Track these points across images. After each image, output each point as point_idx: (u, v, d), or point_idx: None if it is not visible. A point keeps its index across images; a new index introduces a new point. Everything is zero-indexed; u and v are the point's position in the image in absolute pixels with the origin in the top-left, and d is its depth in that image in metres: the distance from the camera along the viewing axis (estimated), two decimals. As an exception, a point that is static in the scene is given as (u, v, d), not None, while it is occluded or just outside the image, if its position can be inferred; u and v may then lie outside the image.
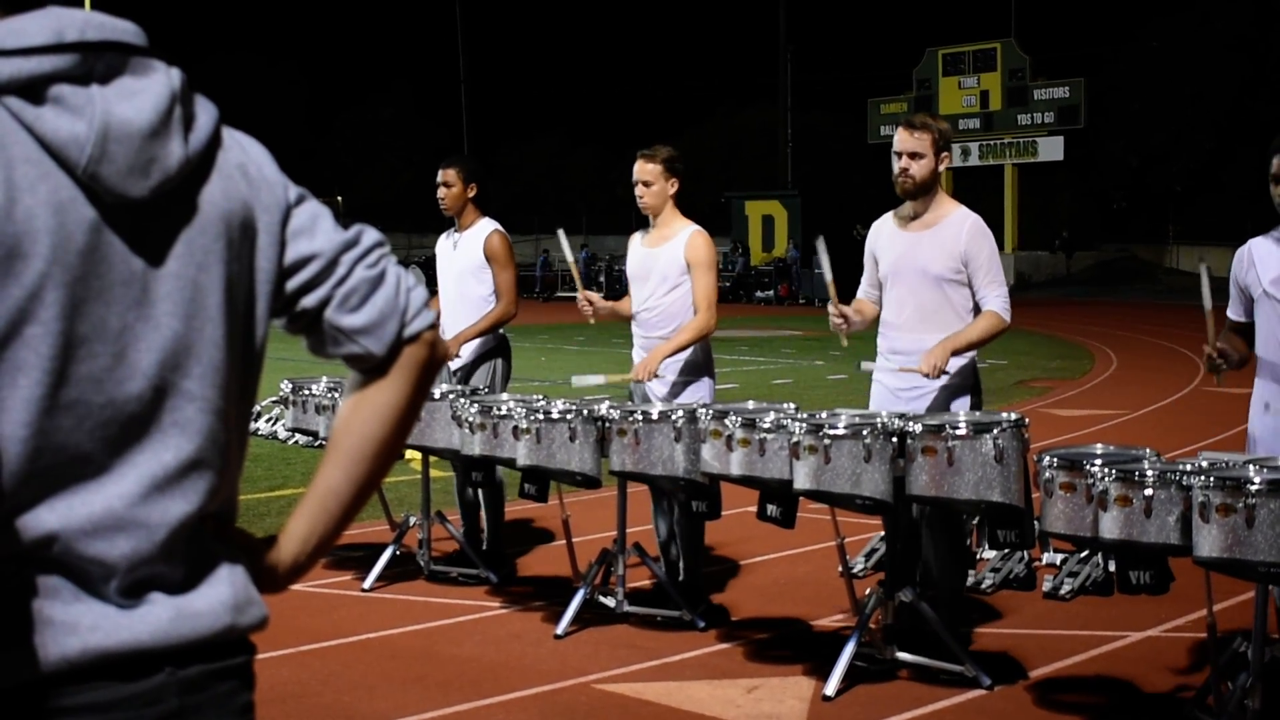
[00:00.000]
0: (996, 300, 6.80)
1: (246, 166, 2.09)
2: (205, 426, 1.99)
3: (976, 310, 6.86)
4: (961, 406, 6.82)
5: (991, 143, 54.89)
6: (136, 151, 1.90)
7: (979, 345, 6.83)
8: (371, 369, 2.16)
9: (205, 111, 2.04)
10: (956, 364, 6.78)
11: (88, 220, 1.87)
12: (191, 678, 1.96)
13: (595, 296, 8.13)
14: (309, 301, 2.13)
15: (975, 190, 57.99)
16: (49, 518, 1.85)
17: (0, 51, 1.85)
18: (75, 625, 1.86)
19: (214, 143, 2.04)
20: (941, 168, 6.90)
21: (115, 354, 1.91)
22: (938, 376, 6.69)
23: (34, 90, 1.86)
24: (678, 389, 7.63)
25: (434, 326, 2.20)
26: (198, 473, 1.98)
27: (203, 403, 1.99)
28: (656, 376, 7.57)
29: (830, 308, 7.17)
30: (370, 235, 2.20)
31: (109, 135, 1.88)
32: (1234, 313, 6.08)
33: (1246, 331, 6.08)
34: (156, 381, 1.94)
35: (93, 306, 1.88)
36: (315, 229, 2.14)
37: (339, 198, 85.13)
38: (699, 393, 7.65)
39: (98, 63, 1.91)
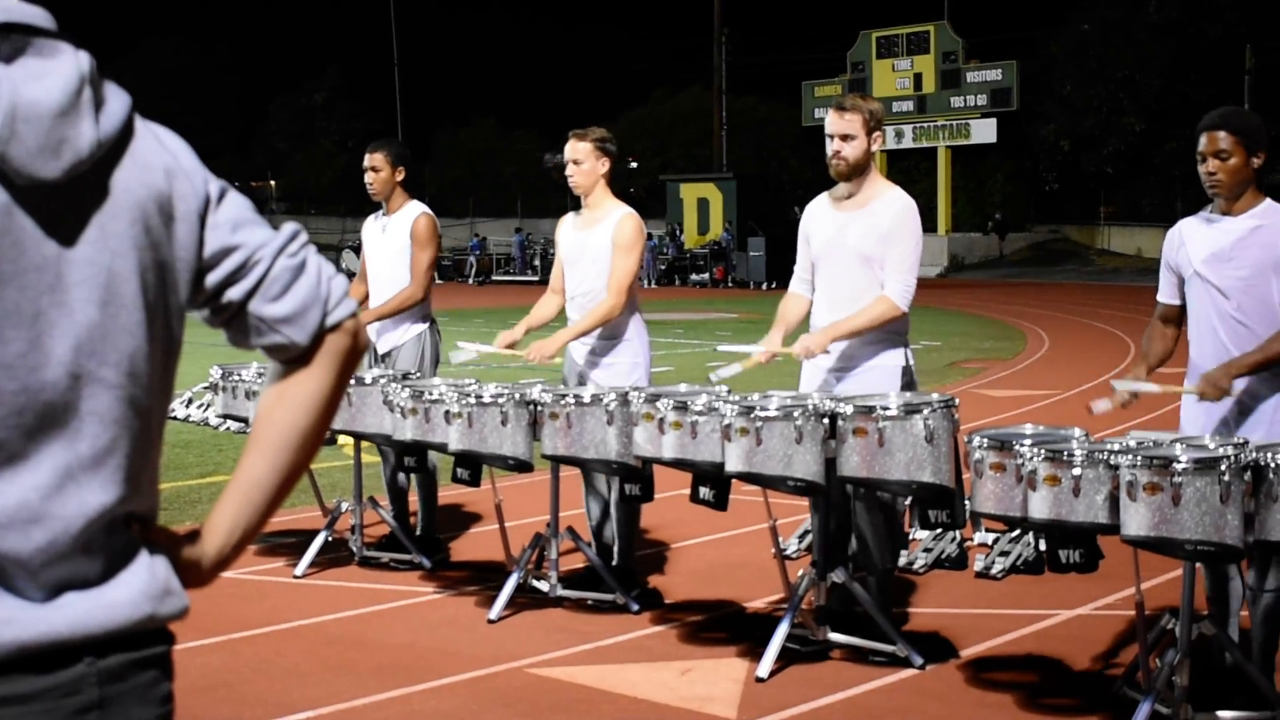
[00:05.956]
0: (895, 286, 6.69)
1: (162, 155, 2.06)
2: (122, 416, 1.96)
3: None
4: (893, 384, 6.79)
5: (925, 125, 55.17)
6: (46, 132, 1.87)
7: (863, 331, 6.72)
8: (294, 359, 2.15)
9: (117, 97, 2.00)
10: (838, 346, 6.77)
11: None
12: (112, 668, 1.94)
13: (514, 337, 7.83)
14: (233, 294, 2.10)
15: (909, 173, 58.43)
16: None
17: None
18: None
19: (127, 128, 2.01)
20: (874, 148, 6.86)
21: (30, 340, 1.87)
22: (810, 358, 6.69)
23: None
24: (616, 371, 7.60)
25: (355, 315, 2.19)
26: (115, 463, 1.95)
27: (119, 391, 1.96)
28: (551, 360, 7.59)
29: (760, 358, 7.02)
30: (289, 226, 2.18)
31: (17, 115, 1.85)
32: (1164, 296, 6.11)
33: (1175, 316, 6.11)
34: (72, 369, 1.91)
35: (5, 291, 1.85)
36: (236, 222, 2.11)
37: (272, 182, 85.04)
38: (634, 371, 7.62)
39: (2, 45, 1.88)
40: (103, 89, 1.98)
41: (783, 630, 6.35)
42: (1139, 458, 4.97)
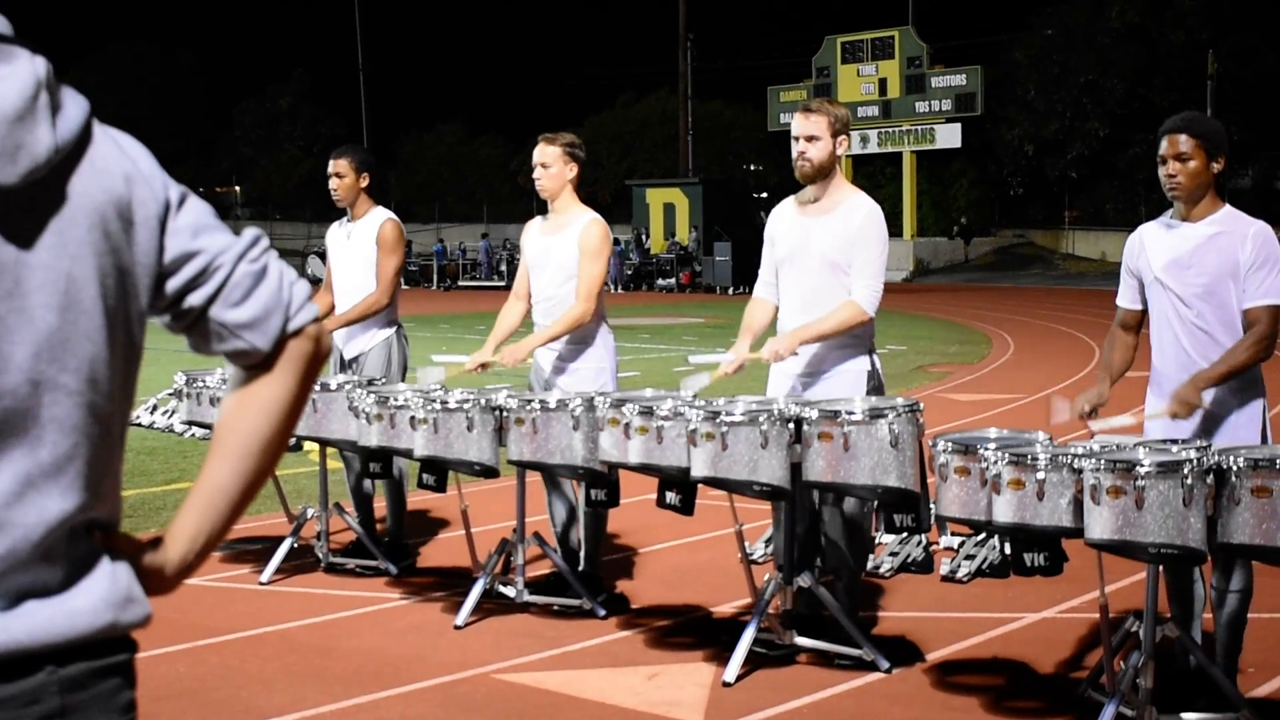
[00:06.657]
0: (863, 291, 6.69)
1: (121, 160, 2.04)
2: (83, 422, 1.95)
3: None
4: (859, 388, 6.77)
5: (890, 130, 55.34)
6: (2, 137, 1.85)
7: (831, 336, 6.71)
8: (256, 364, 2.13)
9: (75, 103, 1.98)
10: (806, 351, 6.77)
11: None
12: (73, 676, 1.92)
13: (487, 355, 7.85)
14: (194, 300, 2.09)
15: (874, 178, 58.62)
16: None
17: None
18: None
19: (85, 134, 1.99)
20: (840, 151, 6.87)
21: None
22: (779, 360, 6.70)
23: None
24: (581, 376, 7.59)
25: (318, 320, 2.17)
26: (76, 470, 1.94)
27: (80, 398, 1.94)
28: (523, 362, 7.66)
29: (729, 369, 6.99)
30: (250, 232, 2.17)
31: None
32: (1124, 300, 6.11)
33: (1134, 323, 6.12)
34: (32, 375, 1.89)
35: None
36: (197, 228, 2.10)
37: (237, 187, 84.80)
38: (600, 377, 7.61)
39: None
40: (60, 94, 1.96)
41: (749, 634, 6.36)
42: (1102, 461, 5.00)
